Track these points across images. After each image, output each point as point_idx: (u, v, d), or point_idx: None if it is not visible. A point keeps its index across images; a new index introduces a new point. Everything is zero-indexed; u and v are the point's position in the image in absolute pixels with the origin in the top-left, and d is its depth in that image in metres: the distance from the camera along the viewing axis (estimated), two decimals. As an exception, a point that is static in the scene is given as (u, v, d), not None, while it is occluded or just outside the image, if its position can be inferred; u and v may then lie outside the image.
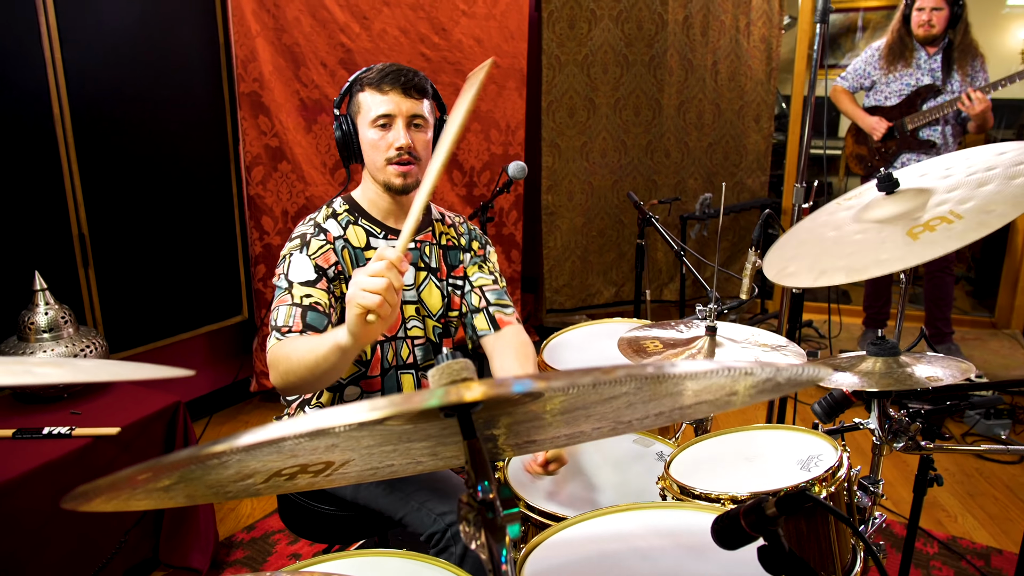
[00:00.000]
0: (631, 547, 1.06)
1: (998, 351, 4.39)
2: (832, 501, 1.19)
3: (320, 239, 1.59)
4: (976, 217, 1.06)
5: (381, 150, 1.60)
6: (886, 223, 1.23)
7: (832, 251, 1.25)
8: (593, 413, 0.86)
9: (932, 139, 3.77)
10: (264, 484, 0.88)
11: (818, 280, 1.17)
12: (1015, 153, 1.22)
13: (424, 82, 1.61)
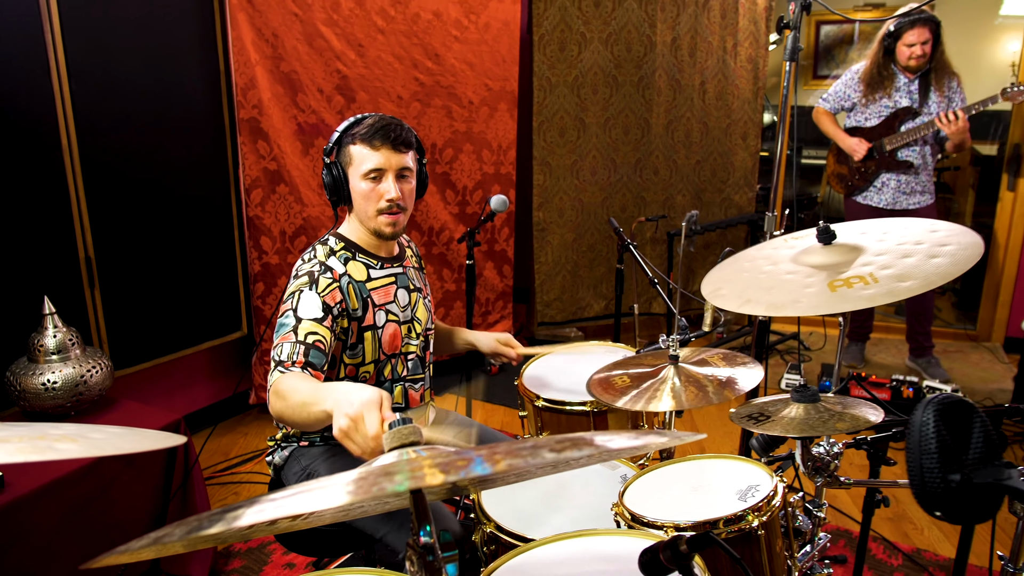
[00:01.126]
0: (579, 571, 1.19)
1: (978, 364, 4.51)
2: (766, 527, 1.31)
3: (327, 276, 1.70)
4: (889, 284, 1.19)
5: (373, 201, 1.74)
6: (815, 270, 1.36)
7: (762, 283, 1.38)
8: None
9: (910, 160, 3.89)
10: (249, 530, 1.02)
11: (741, 307, 1.30)
12: (945, 234, 1.34)
13: (410, 135, 1.76)
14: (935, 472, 0.70)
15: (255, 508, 0.70)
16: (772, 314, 1.26)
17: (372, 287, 1.80)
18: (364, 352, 1.77)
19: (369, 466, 0.81)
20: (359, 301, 1.76)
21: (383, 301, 1.82)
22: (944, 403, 0.73)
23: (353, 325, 1.75)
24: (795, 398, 1.33)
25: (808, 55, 7.35)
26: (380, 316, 1.80)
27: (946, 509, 0.71)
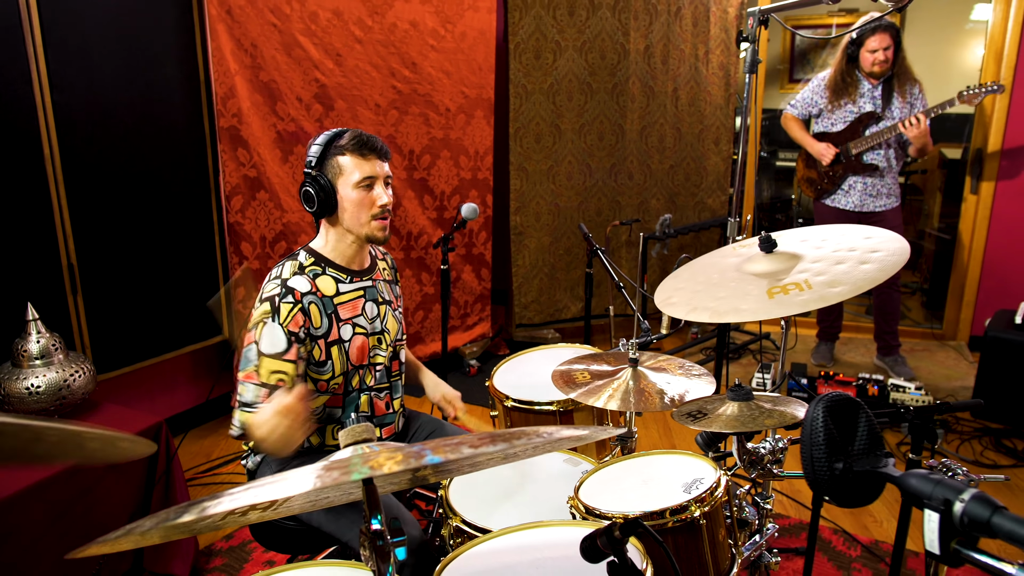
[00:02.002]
0: (532, 558, 1.28)
1: (943, 362, 4.64)
2: (708, 517, 1.41)
3: (288, 301, 1.76)
4: (821, 291, 1.29)
5: (366, 208, 1.84)
6: (757, 277, 1.46)
7: (709, 291, 1.48)
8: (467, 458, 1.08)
9: (875, 163, 4.01)
10: (223, 521, 1.10)
11: (689, 315, 1.39)
12: (876, 241, 1.45)
13: (388, 147, 1.89)
14: (822, 461, 0.80)
15: (223, 498, 0.79)
16: (715, 321, 1.36)
17: (339, 301, 1.87)
18: (333, 367, 1.84)
19: (329, 459, 0.90)
20: (323, 318, 1.83)
21: (350, 315, 1.89)
22: (833, 401, 0.83)
23: (320, 343, 1.82)
24: (730, 396, 1.43)
25: (784, 59, 7.48)
26: (346, 330, 1.87)
27: (832, 494, 0.81)
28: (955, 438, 3.65)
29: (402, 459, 0.80)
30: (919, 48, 6.83)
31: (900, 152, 4.05)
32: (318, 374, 1.83)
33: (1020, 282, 4.62)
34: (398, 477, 1.07)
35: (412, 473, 1.10)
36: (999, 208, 4.67)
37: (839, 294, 1.27)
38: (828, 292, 1.28)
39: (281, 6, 3.44)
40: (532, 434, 0.89)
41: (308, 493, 1.03)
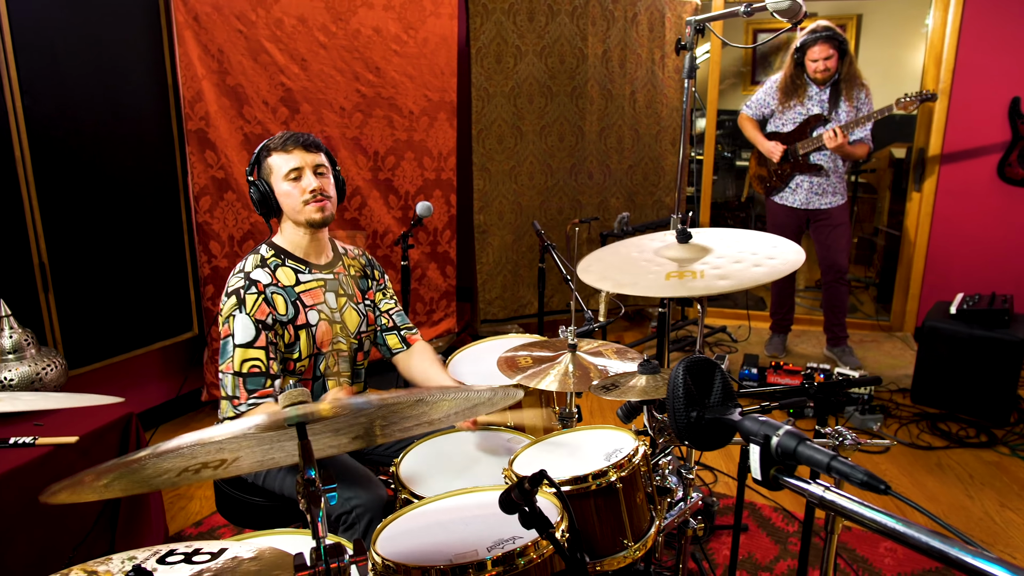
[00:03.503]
0: (461, 517, 1.43)
1: (890, 352, 4.86)
2: (627, 482, 1.57)
3: (253, 292, 1.92)
4: (710, 281, 1.45)
5: (297, 196, 1.98)
6: (666, 261, 1.63)
7: (622, 266, 1.64)
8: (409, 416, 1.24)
9: (821, 163, 4.22)
10: (178, 477, 1.24)
11: (596, 283, 1.56)
12: (775, 249, 1.61)
13: (318, 141, 2.03)
14: (681, 411, 0.95)
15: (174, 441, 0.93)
16: (613, 290, 1.52)
17: (301, 290, 2.02)
18: (300, 348, 1.99)
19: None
20: (288, 305, 1.98)
21: (313, 302, 2.04)
22: (692, 362, 0.98)
23: (289, 327, 1.97)
24: (640, 370, 1.59)
25: (747, 62, 7.70)
26: (312, 315, 2.02)
27: (690, 438, 0.96)
28: (894, 422, 3.86)
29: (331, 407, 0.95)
30: (876, 51, 7.09)
31: (839, 157, 4.26)
32: (288, 354, 1.99)
33: (959, 275, 4.85)
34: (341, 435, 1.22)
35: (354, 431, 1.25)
36: (940, 206, 4.91)
37: (723, 286, 1.43)
38: (714, 283, 1.45)
39: (247, 13, 3.56)
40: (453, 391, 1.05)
41: (253, 447, 1.17)
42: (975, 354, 3.79)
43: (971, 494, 3.21)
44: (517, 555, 1.26)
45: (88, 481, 0.99)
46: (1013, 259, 4.73)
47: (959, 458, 3.51)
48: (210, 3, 3.42)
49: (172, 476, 1.18)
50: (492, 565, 1.24)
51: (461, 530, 1.38)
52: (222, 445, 1.12)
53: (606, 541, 1.56)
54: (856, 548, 2.81)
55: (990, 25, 4.57)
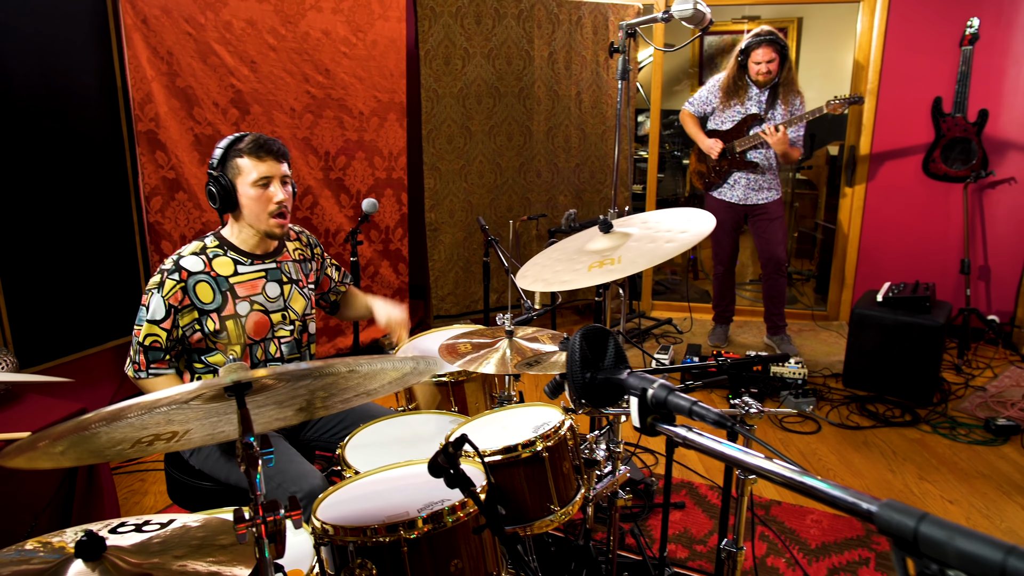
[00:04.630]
0: (396, 485, 1.55)
1: (826, 340, 5.09)
2: (553, 451, 1.70)
3: (173, 278, 2.02)
4: (626, 264, 1.59)
5: (263, 204, 2.07)
6: (590, 254, 1.76)
7: (552, 267, 1.77)
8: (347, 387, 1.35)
9: (756, 160, 4.42)
10: (132, 448, 1.33)
11: (530, 286, 1.68)
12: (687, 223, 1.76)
13: (285, 149, 2.12)
14: (577, 373, 1.08)
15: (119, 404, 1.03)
16: (548, 290, 1.65)
17: (236, 281, 2.11)
18: (229, 336, 2.08)
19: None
20: (216, 294, 2.07)
21: (247, 293, 2.13)
22: (588, 330, 1.11)
23: (212, 316, 2.06)
24: (560, 347, 1.72)
25: (694, 63, 7.94)
26: (243, 306, 2.11)
27: (586, 397, 1.09)
28: (826, 405, 4.07)
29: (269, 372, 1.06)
30: (816, 53, 7.37)
31: (773, 156, 4.47)
32: (217, 339, 2.08)
33: (889, 266, 5.11)
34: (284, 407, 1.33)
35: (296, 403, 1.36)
36: (871, 200, 5.16)
37: (638, 266, 1.57)
38: (631, 265, 1.59)
39: (196, 15, 3.62)
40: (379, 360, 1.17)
41: (202, 420, 1.28)
42: (900, 339, 4.02)
43: (893, 469, 3.42)
44: (446, 513, 1.38)
45: (42, 447, 1.08)
46: (936, 249, 5.01)
47: (884, 436, 3.73)
48: (158, 6, 3.48)
49: (126, 447, 1.27)
50: (423, 523, 1.36)
51: (396, 496, 1.50)
52: (171, 417, 1.22)
53: (535, 507, 1.70)
54: (785, 521, 2.99)
55: (913, 29, 4.83)
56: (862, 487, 3.27)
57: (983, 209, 4.89)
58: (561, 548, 2.68)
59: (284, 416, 1.38)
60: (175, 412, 1.23)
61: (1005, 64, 4.67)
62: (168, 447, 1.36)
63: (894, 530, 0.66)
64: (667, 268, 7.02)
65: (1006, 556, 0.58)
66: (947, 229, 4.96)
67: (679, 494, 3.21)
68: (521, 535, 1.68)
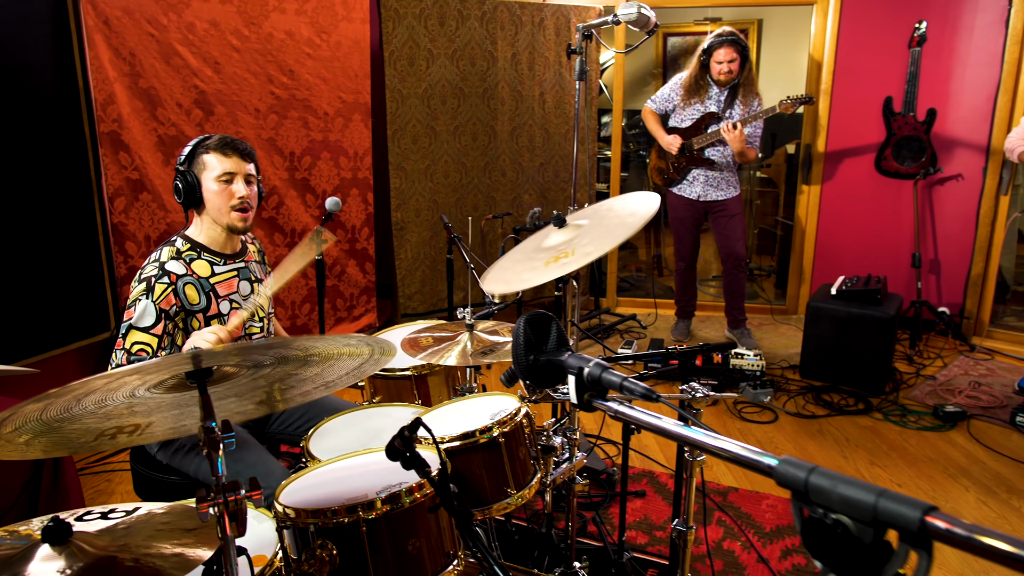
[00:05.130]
0: (357, 472, 1.61)
1: (785, 333, 5.24)
2: (509, 437, 1.77)
3: (163, 282, 2.05)
4: (579, 256, 1.67)
5: (226, 199, 2.12)
6: (546, 251, 1.84)
7: (513, 268, 1.84)
8: (306, 378, 1.41)
9: (714, 158, 4.54)
10: (95, 441, 1.37)
11: (491, 288, 1.75)
12: (635, 206, 1.84)
13: (252, 150, 2.17)
14: (521, 356, 1.15)
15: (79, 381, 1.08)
16: (509, 290, 1.71)
17: (216, 281, 2.16)
18: None
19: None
20: (201, 295, 2.11)
21: (227, 292, 2.19)
22: (532, 316, 1.18)
23: (199, 316, 2.10)
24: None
25: (658, 63, 8.07)
26: (224, 305, 2.17)
27: (530, 377, 1.16)
28: (783, 395, 4.19)
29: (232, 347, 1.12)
30: (775, 53, 7.54)
31: (730, 154, 4.59)
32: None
33: (845, 260, 5.27)
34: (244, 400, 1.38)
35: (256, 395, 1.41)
36: (826, 197, 5.32)
37: (590, 254, 1.65)
38: (583, 256, 1.66)
39: (158, 17, 3.63)
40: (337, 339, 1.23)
41: (165, 412, 1.33)
42: (853, 330, 4.16)
43: (846, 455, 3.55)
44: (403, 495, 1.44)
45: (6, 435, 1.13)
46: (889, 244, 5.17)
47: (838, 424, 3.86)
48: (120, 7, 3.49)
49: (89, 440, 1.32)
50: (381, 504, 1.42)
51: (356, 482, 1.56)
52: (134, 408, 1.27)
53: (493, 490, 1.77)
54: (741, 506, 3.10)
55: (864, 31, 4.99)
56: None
57: (933, 205, 5.06)
58: (525, 536, 2.76)
59: (244, 409, 1.43)
60: (138, 403, 1.28)
61: (951, 65, 4.84)
62: (131, 440, 1.40)
63: (789, 482, 0.74)
64: (632, 266, 7.14)
65: (877, 498, 0.66)
66: (899, 224, 5.13)
67: (640, 483, 3.30)
68: (480, 518, 1.75)
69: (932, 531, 0.64)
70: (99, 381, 1.07)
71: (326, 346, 1.23)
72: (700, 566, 2.67)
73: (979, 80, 4.76)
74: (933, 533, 0.64)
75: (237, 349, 1.14)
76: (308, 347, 1.19)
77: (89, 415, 1.22)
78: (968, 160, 4.88)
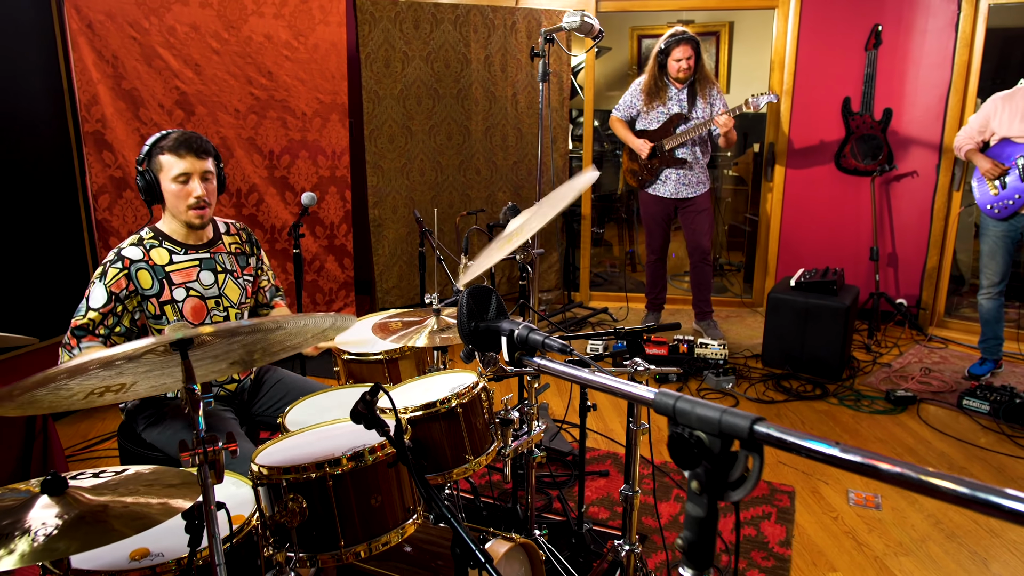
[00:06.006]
0: (327, 436, 1.78)
1: (750, 325, 5.44)
2: (467, 407, 1.94)
3: (116, 267, 2.21)
4: (525, 233, 1.84)
5: (183, 199, 2.25)
6: (504, 238, 2.01)
7: (482, 257, 2.02)
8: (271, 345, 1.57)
9: (684, 157, 4.72)
10: (85, 399, 1.52)
11: (465, 279, 1.92)
12: (574, 184, 2.02)
13: (208, 144, 2.29)
14: (464, 323, 1.32)
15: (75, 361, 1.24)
16: (472, 275, 1.89)
17: (171, 269, 2.30)
18: (167, 320, 2.27)
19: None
20: (155, 281, 2.26)
21: (183, 280, 2.32)
22: (474, 289, 1.35)
23: (152, 300, 2.25)
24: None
25: (633, 64, 8.27)
26: (179, 292, 2.30)
27: (472, 342, 1.33)
28: (745, 382, 4.39)
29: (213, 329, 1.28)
30: (746, 55, 7.75)
31: (705, 148, 4.78)
32: (158, 324, 2.27)
33: (807, 254, 5.48)
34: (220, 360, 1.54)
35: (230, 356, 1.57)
36: (789, 193, 5.53)
37: (532, 229, 1.83)
38: (528, 232, 1.84)
39: (140, 20, 3.77)
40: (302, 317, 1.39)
41: (147, 372, 1.48)
42: (811, 320, 4.36)
43: (800, 437, 3.74)
44: (367, 453, 1.61)
45: (18, 397, 1.28)
46: (849, 238, 5.39)
47: (795, 409, 4.05)
48: (103, 11, 3.62)
49: (80, 398, 1.47)
50: (346, 461, 1.58)
51: (325, 444, 1.72)
52: (121, 370, 1.42)
53: (453, 456, 1.93)
54: (698, 483, 3.28)
55: (823, 33, 5.20)
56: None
57: (890, 201, 5.28)
58: (492, 512, 2.93)
59: (219, 368, 1.59)
60: (127, 367, 1.43)
61: (905, 66, 5.06)
62: (117, 398, 1.55)
63: (662, 409, 0.91)
64: (607, 262, 7.33)
65: (721, 415, 0.84)
66: (859, 219, 5.35)
67: (604, 464, 3.48)
68: (441, 481, 1.92)
69: (759, 436, 0.82)
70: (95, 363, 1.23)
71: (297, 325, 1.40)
72: (658, 538, 2.85)
73: (932, 81, 4.98)
74: (760, 438, 0.82)
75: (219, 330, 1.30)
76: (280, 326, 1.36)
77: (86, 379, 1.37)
78: (922, 157, 5.11)
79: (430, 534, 2.10)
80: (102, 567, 1.47)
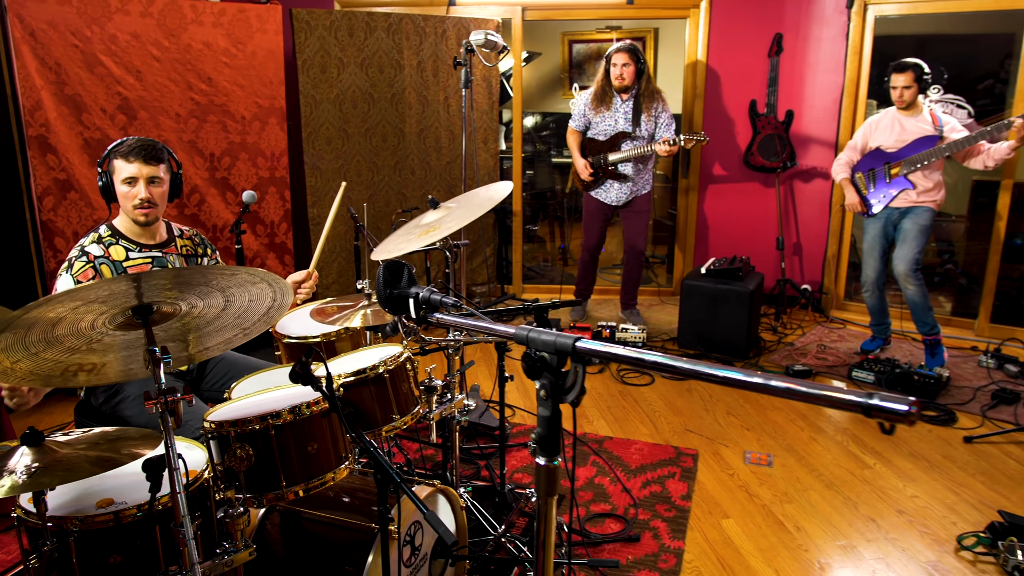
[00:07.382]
0: (271, 399, 2.05)
1: (670, 312, 5.84)
2: (393, 373, 2.24)
3: (82, 260, 2.46)
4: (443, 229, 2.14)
5: (129, 200, 2.50)
6: (419, 228, 2.31)
7: (398, 242, 2.31)
8: (223, 327, 1.84)
9: (625, 172, 5.06)
10: (61, 376, 1.77)
11: (375, 256, 2.21)
12: (491, 193, 2.32)
13: (161, 152, 2.53)
14: (381, 290, 1.62)
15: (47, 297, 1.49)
16: (385, 257, 2.18)
17: (128, 265, 2.55)
18: None
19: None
20: (113, 274, 2.49)
21: None
22: (389, 262, 1.66)
23: None
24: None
25: (564, 69, 8.64)
26: None
27: (388, 306, 1.63)
28: (662, 363, 4.77)
29: (175, 294, 1.55)
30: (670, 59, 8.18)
31: (647, 162, 5.10)
32: None
33: (721, 244, 5.93)
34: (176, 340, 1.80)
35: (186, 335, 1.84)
36: (703, 190, 5.96)
37: (449, 227, 2.14)
38: (445, 228, 2.15)
39: (82, 29, 3.94)
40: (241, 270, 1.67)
41: (118, 353, 1.73)
42: (720, 304, 4.78)
43: (708, 408, 4.14)
44: (304, 407, 1.89)
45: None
46: (757, 229, 5.85)
47: (704, 385, 4.45)
48: (46, 20, 3.79)
49: (56, 374, 1.71)
50: (287, 413, 1.86)
51: (269, 403, 2.00)
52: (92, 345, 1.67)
53: (382, 415, 2.22)
54: (613, 451, 3.63)
55: (730, 41, 5.64)
56: (681, 421, 3.96)
57: (793, 195, 5.76)
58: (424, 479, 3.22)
59: (179, 356, 1.86)
60: (96, 340, 1.68)
61: (804, 72, 5.54)
62: (90, 380, 1.80)
63: (519, 339, 1.23)
64: (540, 256, 7.69)
65: (556, 339, 1.16)
66: (766, 213, 5.81)
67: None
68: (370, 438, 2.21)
69: (581, 351, 1.14)
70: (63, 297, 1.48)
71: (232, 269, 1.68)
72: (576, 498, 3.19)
73: (827, 85, 5.47)
74: (583, 352, 1.14)
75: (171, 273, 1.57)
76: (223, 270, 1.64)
77: (59, 345, 1.62)
78: (821, 154, 5.59)
79: (368, 486, 2.38)
80: (72, 513, 1.72)
